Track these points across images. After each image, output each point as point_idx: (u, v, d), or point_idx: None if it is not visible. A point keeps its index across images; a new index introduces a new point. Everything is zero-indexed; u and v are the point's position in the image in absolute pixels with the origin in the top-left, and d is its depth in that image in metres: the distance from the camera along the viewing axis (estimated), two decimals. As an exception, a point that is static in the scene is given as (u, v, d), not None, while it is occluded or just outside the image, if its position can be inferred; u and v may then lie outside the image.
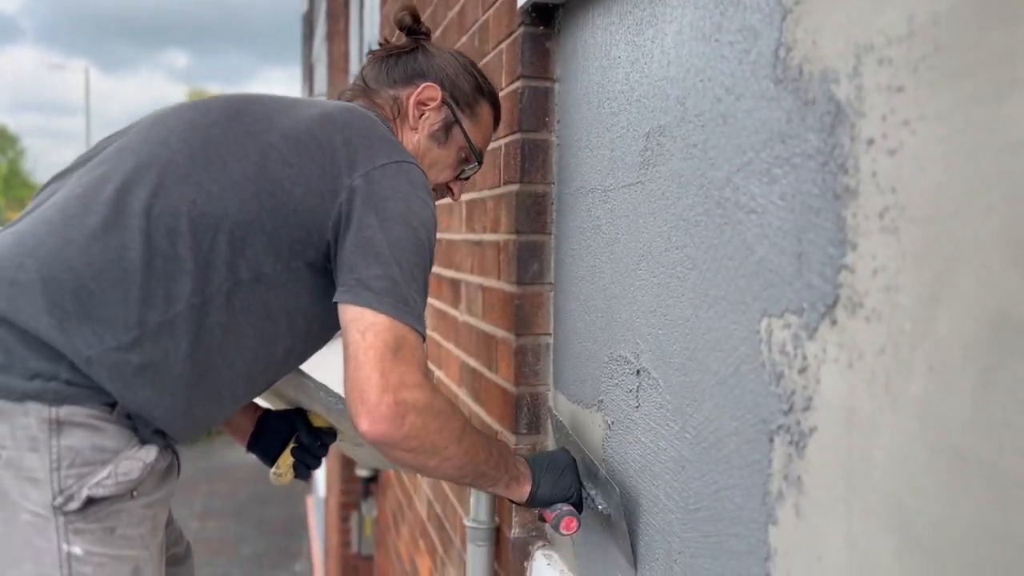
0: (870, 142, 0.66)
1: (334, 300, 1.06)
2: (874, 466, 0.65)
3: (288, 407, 1.45)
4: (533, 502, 1.19)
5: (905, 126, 0.62)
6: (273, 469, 1.43)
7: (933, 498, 0.59)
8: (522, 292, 1.43)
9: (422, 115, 1.31)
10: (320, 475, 7.24)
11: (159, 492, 1.10)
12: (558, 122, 1.41)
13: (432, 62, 1.33)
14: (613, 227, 1.17)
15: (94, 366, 1.01)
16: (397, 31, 1.38)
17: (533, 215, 1.43)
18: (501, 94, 1.51)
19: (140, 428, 1.07)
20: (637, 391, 1.09)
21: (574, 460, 1.25)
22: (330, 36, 6.80)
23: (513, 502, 1.22)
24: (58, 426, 1.00)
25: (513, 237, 1.44)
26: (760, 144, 0.81)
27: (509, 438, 1.45)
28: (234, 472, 11.04)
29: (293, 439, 1.43)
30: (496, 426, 1.54)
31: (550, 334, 1.44)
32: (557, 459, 1.23)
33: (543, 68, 1.41)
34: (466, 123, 1.33)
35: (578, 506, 1.21)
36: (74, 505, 0.99)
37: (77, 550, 0.98)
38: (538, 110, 1.41)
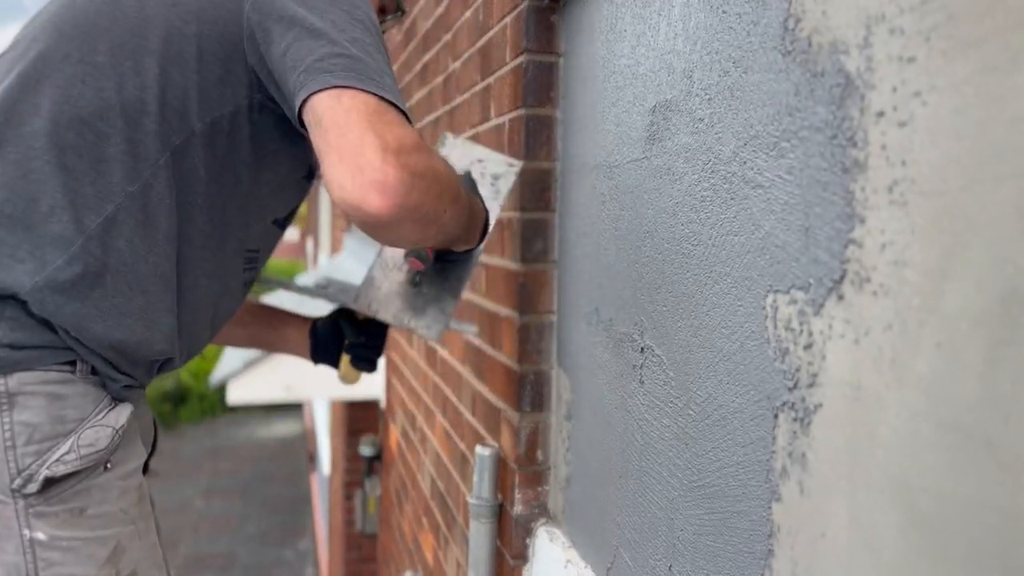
0: (880, 114, 0.64)
1: (292, 115, 0.90)
2: (879, 443, 0.65)
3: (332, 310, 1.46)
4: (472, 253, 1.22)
5: (916, 97, 0.61)
6: (337, 374, 1.45)
7: (938, 475, 0.59)
8: (526, 270, 1.42)
9: None
10: (324, 454, 7.28)
11: (137, 458, 0.99)
12: (563, 98, 1.39)
13: None
14: (618, 204, 1.16)
15: (44, 295, 0.89)
16: None
17: (537, 192, 1.42)
18: (505, 69, 1.49)
19: (109, 383, 0.96)
20: (641, 368, 1.08)
21: None
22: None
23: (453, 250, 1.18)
24: (9, 399, 0.88)
25: (517, 215, 1.43)
26: (768, 118, 0.80)
27: (513, 416, 1.45)
28: (239, 451, 11.10)
29: (347, 338, 1.44)
30: (500, 404, 1.54)
31: (554, 312, 1.44)
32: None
33: (548, 43, 1.40)
34: None
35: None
36: (33, 487, 0.88)
37: (40, 535, 0.89)
38: (542, 85, 1.40)
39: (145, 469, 1.08)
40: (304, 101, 0.85)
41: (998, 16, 0.54)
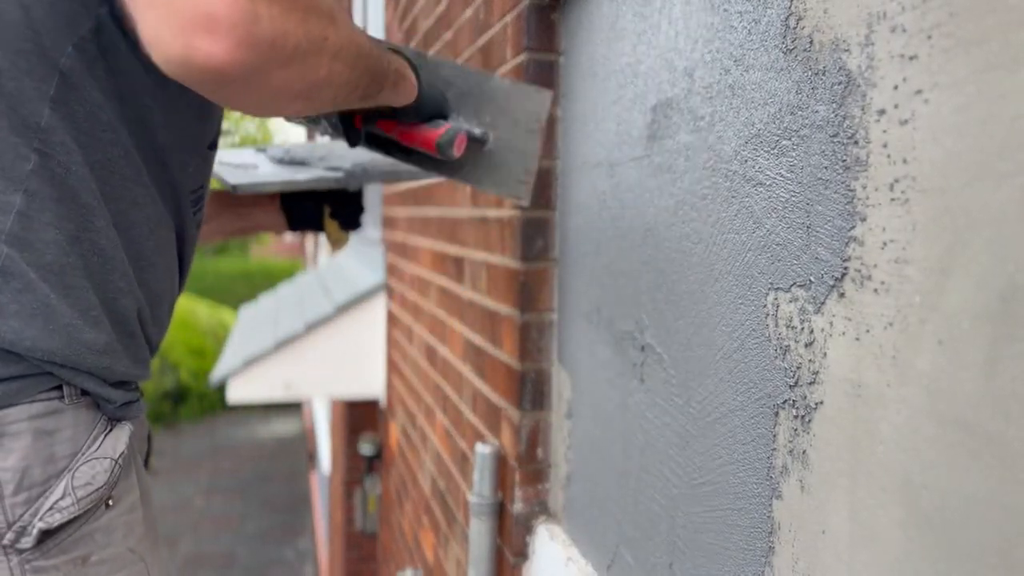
0: (881, 112, 0.65)
1: None
2: (880, 440, 0.65)
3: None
4: (420, 104, 0.94)
5: (918, 95, 0.61)
6: (327, 240, 1.45)
7: (940, 472, 0.59)
8: (527, 268, 1.42)
9: None
10: (324, 453, 7.28)
11: (139, 488, 0.88)
12: (563, 96, 1.39)
13: None
14: (619, 202, 1.16)
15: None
16: None
17: (538, 190, 1.42)
18: (506, 68, 1.49)
19: (104, 403, 0.85)
20: (641, 366, 1.09)
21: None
22: (334, 13, 6.74)
23: (394, 110, 0.94)
24: None
25: (517, 213, 1.43)
26: (769, 116, 0.80)
27: (513, 414, 1.45)
28: (239, 450, 11.11)
29: (326, 205, 1.41)
30: (500, 402, 1.54)
31: (554, 310, 1.44)
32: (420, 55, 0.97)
33: (548, 41, 1.40)
34: None
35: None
36: (28, 541, 0.77)
37: None
38: (543, 84, 1.40)
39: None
40: None
41: (1000, 14, 0.54)
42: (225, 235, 1.38)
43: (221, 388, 5.23)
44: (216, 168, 1.20)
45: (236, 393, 4.86)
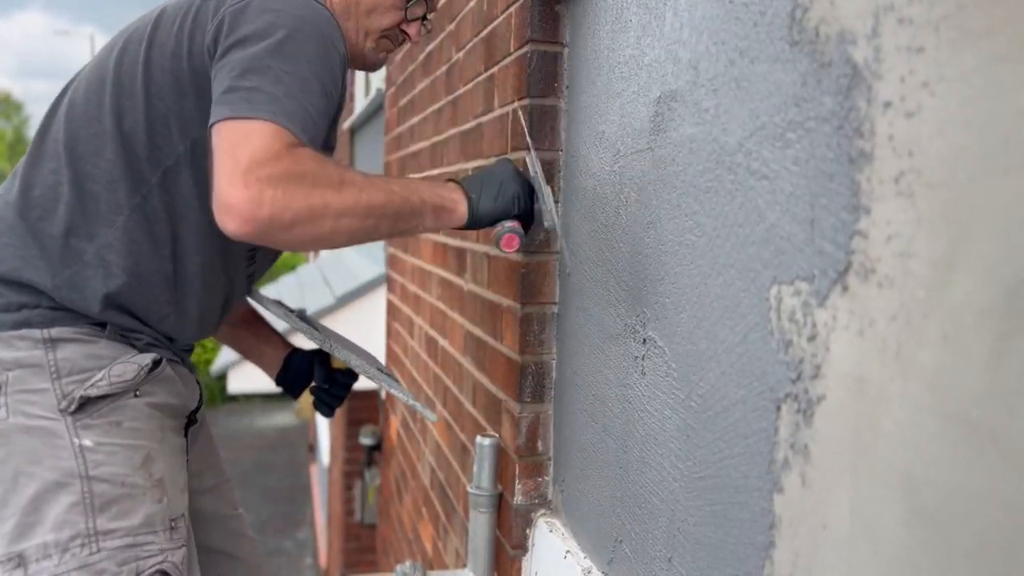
0: (887, 105, 0.64)
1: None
2: (882, 435, 0.64)
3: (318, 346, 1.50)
4: (474, 222, 1.15)
5: (924, 88, 0.60)
6: (296, 406, 1.54)
7: (942, 468, 0.59)
8: (528, 261, 1.42)
9: None
10: (324, 444, 7.29)
11: (163, 395, 1.19)
12: (567, 88, 1.39)
13: None
14: (621, 194, 1.16)
15: (63, 291, 1.13)
16: None
17: (540, 182, 1.41)
18: (509, 59, 1.48)
19: (135, 341, 1.17)
20: (643, 359, 1.08)
21: (515, 169, 1.19)
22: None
23: (455, 228, 1.17)
24: (52, 343, 1.11)
25: (520, 205, 1.43)
26: (774, 108, 0.79)
27: (514, 406, 1.45)
28: (238, 440, 11.12)
29: (314, 379, 1.50)
30: (501, 394, 1.54)
31: (556, 303, 1.43)
32: (494, 172, 1.18)
33: (552, 32, 1.39)
34: None
35: (529, 217, 1.20)
36: (73, 406, 1.10)
37: (88, 442, 1.10)
38: (547, 75, 1.39)
39: (191, 421, 1.32)
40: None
41: (1008, 5, 0.53)
42: (234, 344, 1.63)
43: (222, 378, 5.25)
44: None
45: (237, 383, 4.86)
